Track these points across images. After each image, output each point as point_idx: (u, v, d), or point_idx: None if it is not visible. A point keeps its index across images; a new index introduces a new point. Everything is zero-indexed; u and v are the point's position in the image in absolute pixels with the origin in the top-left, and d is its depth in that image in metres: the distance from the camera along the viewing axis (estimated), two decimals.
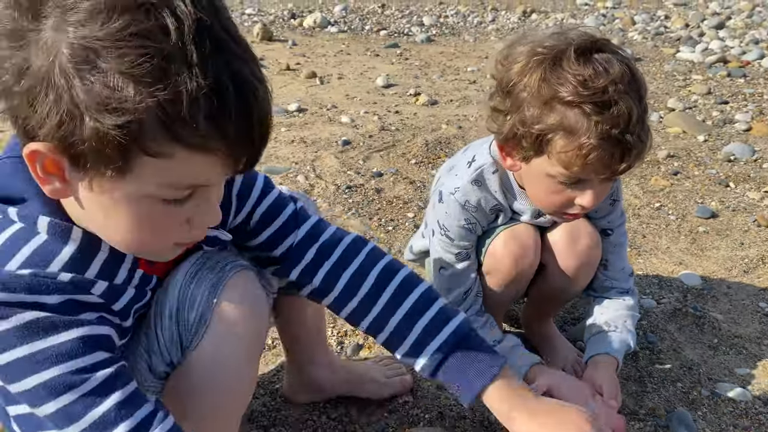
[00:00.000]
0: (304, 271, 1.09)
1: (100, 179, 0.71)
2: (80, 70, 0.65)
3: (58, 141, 0.68)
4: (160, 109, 0.65)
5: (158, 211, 0.76)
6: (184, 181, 0.74)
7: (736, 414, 1.48)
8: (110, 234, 0.80)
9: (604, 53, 1.16)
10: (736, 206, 2.53)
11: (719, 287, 1.98)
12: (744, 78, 4.28)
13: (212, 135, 0.68)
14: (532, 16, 6.77)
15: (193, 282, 0.91)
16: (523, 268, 1.42)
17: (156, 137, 0.67)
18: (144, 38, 0.64)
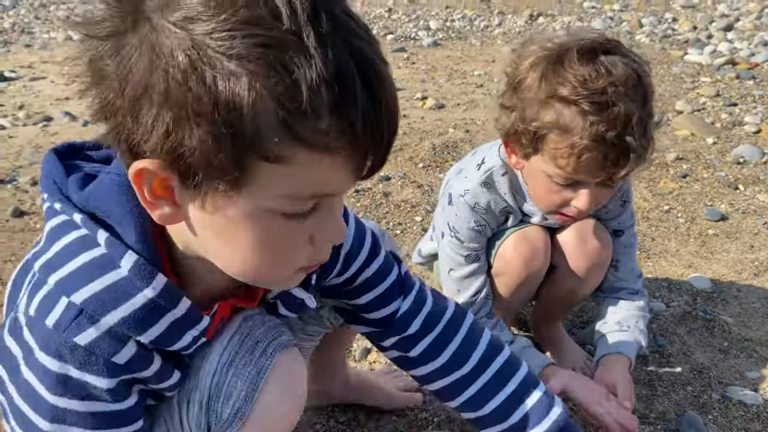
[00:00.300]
0: (402, 341, 1.05)
1: (213, 196, 0.62)
2: (186, 70, 0.56)
3: (167, 154, 0.59)
4: (278, 104, 0.56)
5: (279, 229, 0.66)
6: (307, 190, 0.64)
7: (747, 418, 1.47)
8: (228, 261, 0.70)
9: (612, 55, 1.15)
10: (746, 209, 2.52)
11: (729, 290, 1.97)
12: (753, 80, 4.26)
13: (337, 130, 0.59)
14: (538, 20, 6.77)
15: (230, 371, 0.81)
16: (533, 270, 1.42)
17: (274, 138, 0.58)
18: (254, 26, 0.56)
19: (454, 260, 1.43)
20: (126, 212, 0.70)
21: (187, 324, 0.75)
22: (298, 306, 0.91)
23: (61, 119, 3.25)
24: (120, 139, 0.63)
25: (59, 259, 0.70)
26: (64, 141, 0.82)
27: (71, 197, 0.73)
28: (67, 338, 0.68)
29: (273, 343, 0.84)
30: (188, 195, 0.64)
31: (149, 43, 0.58)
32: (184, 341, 0.76)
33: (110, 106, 0.62)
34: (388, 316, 1.04)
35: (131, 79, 0.59)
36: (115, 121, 0.62)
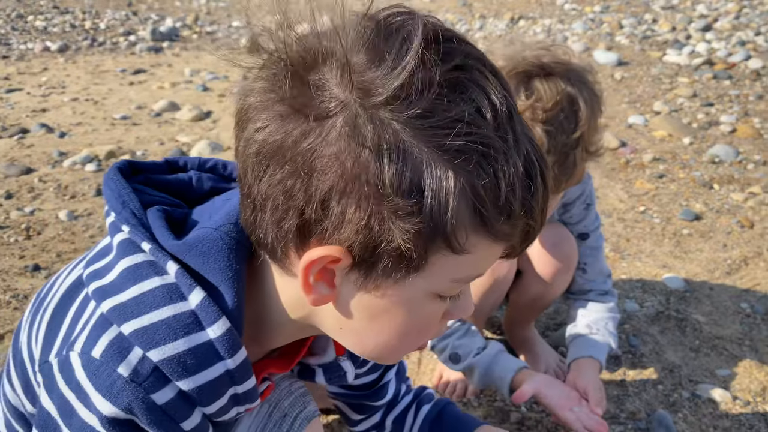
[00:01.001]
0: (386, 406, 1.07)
1: (385, 281, 0.61)
2: (395, 163, 0.54)
3: (358, 244, 0.57)
4: (479, 200, 0.57)
5: (429, 311, 0.66)
6: (475, 274, 0.64)
7: (716, 415, 1.48)
8: (365, 340, 0.68)
9: (550, 78, 1.14)
10: (720, 208, 2.54)
11: (702, 289, 1.99)
12: (730, 80, 4.30)
13: (521, 223, 0.60)
14: (519, 23, 6.81)
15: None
16: (499, 276, 1.43)
17: (466, 231, 0.58)
18: (460, 122, 0.55)
19: None
20: (229, 277, 0.66)
21: (242, 401, 0.72)
22: (338, 377, 0.87)
23: (38, 131, 3.23)
24: (291, 222, 0.59)
25: (137, 306, 0.64)
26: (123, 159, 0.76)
27: (161, 241, 0.67)
28: (145, 394, 0.63)
29: (300, 416, 0.84)
30: (353, 279, 0.62)
31: (351, 133, 0.55)
32: (229, 415, 0.73)
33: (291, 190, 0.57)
34: (372, 382, 1.02)
35: (327, 168, 0.55)
36: (292, 206, 0.58)
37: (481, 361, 1.39)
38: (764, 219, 2.45)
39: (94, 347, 0.64)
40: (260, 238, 0.63)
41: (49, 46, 5.15)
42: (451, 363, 1.42)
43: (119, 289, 0.65)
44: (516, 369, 1.37)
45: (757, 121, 3.50)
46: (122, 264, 0.67)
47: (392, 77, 0.54)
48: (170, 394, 0.64)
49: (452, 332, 1.43)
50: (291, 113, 0.57)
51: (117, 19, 6.60)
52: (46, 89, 4.03)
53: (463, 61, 0.57)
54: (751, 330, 1.79)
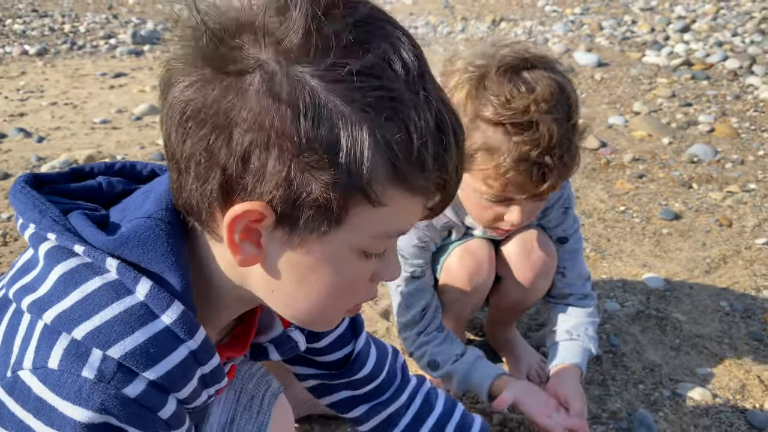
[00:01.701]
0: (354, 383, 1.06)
1: (308, 236, 0.63)
2: (311, 116, 0.57)
3: (279, 198, 0.59)
4: (392, 153, 0.59)
5: (355, 269, 0.68)
6: (396, 229, 0.67)
7: (696, 413, 1.50)
8: (295, 302, 0.70)
9: (535, 70, 1.15)
10: (699, 207, 2.57)
11: (682, 288, 2.01)
12: (707, 80, 4.35)
13: (436, 177, 0.63)
14: (501, 25, 6.84)
15: (232, 430, 0.81)
16: (478, 282, 1.43)
17: (382, 183, 0.61)
18: (371, 75, 0.58)
19: (400, 276, 1.44)
20: (172, 262, 0.66)
21: (210, 382, 0.72)
22: (291, 349, 0.88)
23: (15, 136, 3.19)
24: (214, 181, 0.60)
25: (83, 309, 0.63)
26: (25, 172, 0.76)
27: (92, 241, 0.66)
28: (116, 390, 0.62)
29: (267, 394, 0.85)
30: (279, 236, 0.63)
31: (268, 89, 0.57)
32: (201, 399, 0.73)
33: (214, 148, 0.59)
34: (344, 358, 1.02)
35: (248, 125, 0.58)
36: (215, 163, 0.60)
37: (459, 368, 1.39)
38: (742, 218, 2.48)
39: (48, 359, 0.62)
40: (187, 202, 0.64)
41: (27, 49, 5.09)
42: (430, 370, 1.43)
43: (59, 297, 0.64)
44: (494, 375, 1.37)
45: (734, 121, 3.55)
46: (56, 272, 0.65)
47: (300, 31, 0.57)
48: (141, 386, 0.64)
49: (431, 339, 1.43)
50: (211, 74, 0.59)
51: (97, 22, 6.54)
52: (24, 93, 3.98)
53: (371, 16, 0.61)
54: (731, 328, 1.81)
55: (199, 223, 0.66)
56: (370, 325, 1.81)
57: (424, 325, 1.43)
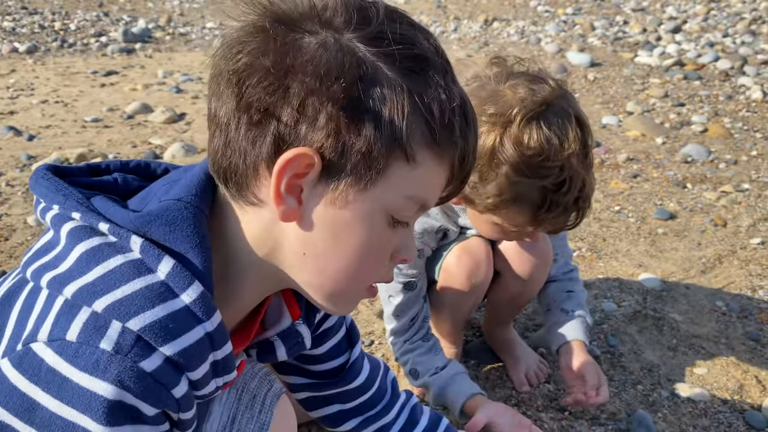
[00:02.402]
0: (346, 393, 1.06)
1: (349, 191, 0.66)
2: (354, 71, 0.63)
3: (329, 146, 0.64)
4: (429, 111, 0.66)
5: (384, 235, 0.71)
6: (422, 195, 0.71)
7: (695, 414, 1.49)
8: (326, 265, 0.71)
9: (557, 110, 1.14)
10: (694, 207, 2.58)
11: (678, 288, 2.01)
12: (700, 80, 4.37)
13: (459, 146, 0.69)
14: (493, 24, 6.85)
15: (233, 430, 0.82)
16: (477, 281, 1.42)
17: (418, 142, 0.66)
18: (410, 44, 0.66)
19: (392, 287, 1.43)
20: (197, 243, 0.68)
21: (220, 370, 0.72)
22: (297, 345, 0.88)
23: (5, 134, 3.15)
24: (269, 133, 0.65)
25: (105, 283, 0.64)
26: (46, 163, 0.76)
27: (117, 219, 0.68)
28: (133, 363, 0.62)
29: (269, 394, 0.85)
30: (320, 191, 0.67)
31: (322, 47, 0.64)
32: (209, 389, 0.72)
33: (271, 99, 0.64)
34: (339, 367, 1.02)
35: (304, 75, 0.63)
36: (272, 114, 0.64)
37: (436, 381, 1.38)
38: (737, 217, 2.49)
39: (68, 332, 0.63)
40: (231, 164, 0.67)
41: (17, 47, 5.04)
42: (411, 378, 1.43)
43: (81, 272, 0.65)
44: (469, 394, 1.35)
45: (727, 121, 3.56)
46: (78, 249, 0.66)
47: (343, 12, 0.66)
48: (157, 361, 0.64)
49: (415, 348, 1.43)
50: (271, 42, 0.64)
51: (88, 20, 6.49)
52: (14, 91, 3.94)
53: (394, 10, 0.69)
54: (727, 328, 1.81)
55: (236, 187, 0.69)
56: (366, 325, 1.79)
57: (411, 334, 1.43)
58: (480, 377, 1.62)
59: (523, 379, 1.58)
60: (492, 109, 1.14)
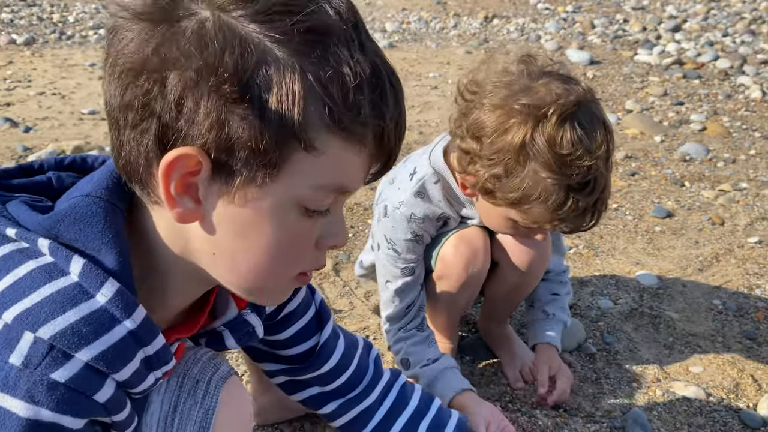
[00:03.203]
0: (322, 376, 1.04)
1: (245, 188, 0.62)
2: (241, 58, 0.57)
3: (212, 142, 0.59)
4: (326, 92, 0.59)
5: (298, 226, 0.66)
6: (335, 182, 0.65)
7: (690, 412, 1.49)
8: (237, 263, 0.67)
9: (585, 117, 1.14)
10: (691, 205, 2.57)
11: (675, 286, 2.01)
12: (699, 79, 4.36)
13: (371, 124, 0.62)
14: (493, 21, 6.83)
15: (175, 419, 0.77)
16: (474, 270, 1.41)
17: (317, 127, 0.60)
18: (304, 19, 0.59)
19: (390, 272, 1.43)
20: (109, 239, 0.65)
21: (155, 363, 0.69)
22: (247, 335, 0.86)
23: (1, 125, 3.13)
24: (150, 131, 0.60)
25: (14, 292, 0.61)
26: None
27: (26, 223, 0.65)
28: (42, 375, 0.59)
29: (214, 378, 0.80)
30: (216, 189, 0.62)
31: (199, 32, 0.58)
32: (147, 383, 0.70)
33: (149, 95, 0.59)
34: (308, 351, 1.00)
35: (180, 67, 0.58)
36: (150, 112, 0.59)
37: (426, 373, 1.38)
38: (734, 216, 2.48)
39: None
40: (126, 161, 0.64)
41: (15, 38, 5.01)
42: (402, 368, 1.43)
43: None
44: (458, 389, 1.34)
45: (726, 120, 3.56)
46: None
47: None
48: (74, 369, 0.61)
49: (409, 337, 1.43)
50: (151, 26, 0.59)
51: (86, 12, 6.46)
52: (10, 83, 3.92)
53: None
54: (723, 327, 1.81)
55: (139, 186, 0.65)
56: (361, 320, 1.79)
57: (406, 322, 1.43)
58: (475, 373, 1.62)
59: (518, 375, 1.57)
60: (525, 101, 1.14)
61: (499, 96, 1.17)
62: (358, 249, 2.14)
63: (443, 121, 3.61)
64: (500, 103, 1.16)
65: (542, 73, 1.18)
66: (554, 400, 1.43)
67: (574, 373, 1.59)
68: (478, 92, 1.21)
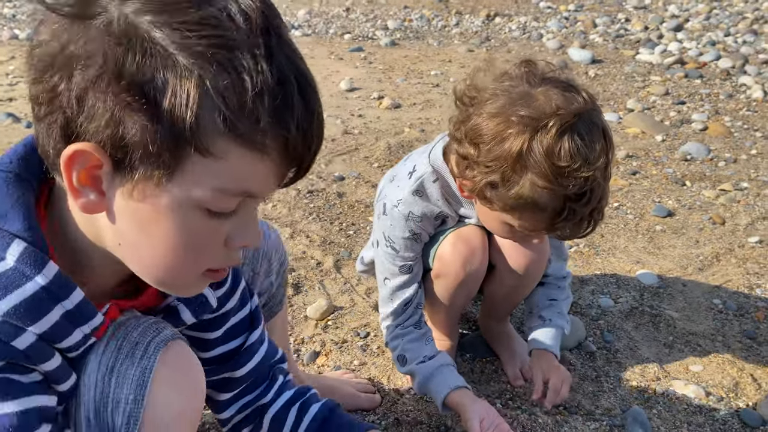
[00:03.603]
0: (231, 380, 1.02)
1: (144, 184, 0.64)
2: (139, 60, 0.59)
3: (108, 138, 0.61)
4: (223, 102, 0.60)
5: (200, 227, 0.68)
6: (236, 188, 0.66)
7: (690, 411, 1.49)
8: (142, 255, 0.70)
9: (584, 128, 1.13)
10: (692, 205, 2.57)
11: (675, 285, 2.01)
12: (701, 79, 4.36)
13: (273, 133, 0.63)
14: (495, 20, 6.82)
15: (112, 379, 0.77)
16: (471, 269, 1.42)
17: (211, 132, 0.61)
18: (210, 26, 0.60)
19: (388, 270, 1.43)
20: (13, 202, 0.70)
21: (78, 318, 0.73)
22: (201, 305, 0.88)
23: (3, 120, 3.14)
24: (56, 124, 0.63)
25: None
26: None
27: None
28: None
29: (154, 341, 0.80)
30: (118, 183, 0.65)
31: (106, 31, 0.60)
32: (74, 338, 0.74)
33: (56, 89, 0.62)
34: (232, 351, 0.98)
35: (84, 65, 0.60)
36: (57, 105, 0.62)
37: (422, 370, 1.38)
38: (735, 216, 2.48)
39: None
40: (42, 149, 0.68)
41: (17, 34, 5.01)
42: (398, 364, 1.43)
43: None
44: (452, 387, 1.34)
45: (727, 120, 3.55)
46: None
47: None
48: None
49: (406, 333, 1.43)
50: (66, 23, 0.62)
51: None
52: (13, 78, 3.92)
53: None
54: (724, 326, 1.81)
55: (57, 172, 0.68)
56: (362, 317, 1.79)
57: (404, 319, 1.44)
58: (475, 371, 1.62)
59: (518, 373, 1.58)
60: (524, 111, 1.12)
61: (498, 103, 1.16)
62: (359, 246, 2.15)
63: (444, 120, 3.61)
64: (499, 110, 1.15)
65: (542, 80, 1.17)
66: (551, 403, 1.42)
67: (573, 371, 1.60)
68: (477, 97, 1.21)
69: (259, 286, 1.17)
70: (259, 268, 1.15)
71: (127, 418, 0.77)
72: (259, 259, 1.14)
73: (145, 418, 0.77)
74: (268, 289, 1.20)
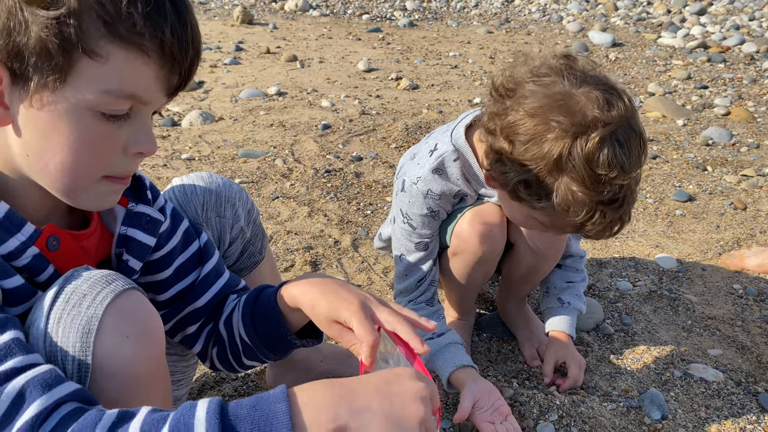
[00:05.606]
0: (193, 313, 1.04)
1: (41, 92, 0.72)
2: None
3: (3, 50, 0.69)
4: (101, 7, 0.69)
5: (97, 129, 0.75)
6: (125, 89, 0.74)
7: (707, 395, 1.49)
8: (47, 163, 0.77)
9: (623, 135, 1.11)
10: (713, 189, 2.54)
11: (694, 269, 1.99)
12: (724, 63, 4.29)
13: (149, 34, 0.71)
14: (515, 1, 6.75)
15: (59, 329, 0.77)
16: (489, 246, 1.41)
17: (95, 35, 0.70)
18: None
19: (404, 246, 1.43)
20: None
21: (9, 226, 0.78)
22: (150, 224, 0.93)
23: None
24: None
25: None
26: None
27: None
28: None
29: (103, 291, 0.79)
30: (17, 95, 0.72)
31: None
32: (11, 245, 0.78)
33: None
34: (185, 289, 1.01)
35: None
36: None
37: (429, 346, 1.38)
38: (757, 201, 2.45)
39: None
40: None
41: None
42: None
43: None
44: (457, 365, 1.35)
45: (750, 105, 3.50)
46: None
47: None
48: None
49: (417, 309, 1.44)
50: None
51: None
52: None
53: None
54: (743, 311, 1.80)
55: None
56: (380, 295, 1.79)
57: (416, 295, 1.44)
58: (492, 350, 1.62)
59: (534, 353, 1.58)
60: (565, 115, 1.10)
61: (538, 101, 1.13)
62: (376, 226, 2.15)
63: (462, 101, 3.59)
64: (538, 110, 1.12)
65: (583, 80, 1.13)
66: (566, 389, 1.43)
67: (591, 353, 1.60)
68: (515, 90, 1.17)
69: (230, 232, 1.19)
70: (224, 212, 1.17)
71: (78, 366, 0.77)
72: (222, 203, 1.16)
73: (95, 365, 0.77)
74: (240, 235, 1.21)
